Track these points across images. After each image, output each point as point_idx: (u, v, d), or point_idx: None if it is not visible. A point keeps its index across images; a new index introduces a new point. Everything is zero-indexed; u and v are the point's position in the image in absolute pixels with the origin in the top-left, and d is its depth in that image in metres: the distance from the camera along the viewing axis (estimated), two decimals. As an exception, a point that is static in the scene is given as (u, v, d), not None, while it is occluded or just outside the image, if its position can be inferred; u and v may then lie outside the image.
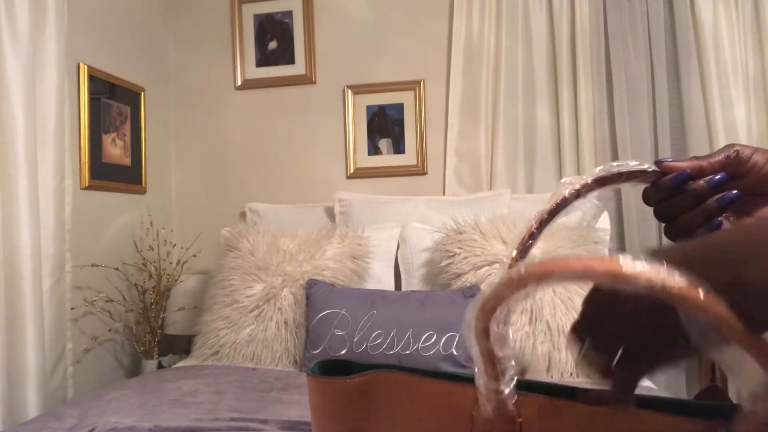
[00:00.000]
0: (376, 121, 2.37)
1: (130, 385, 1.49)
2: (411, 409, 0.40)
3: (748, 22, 2.09)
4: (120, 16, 2.23)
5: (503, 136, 2.22)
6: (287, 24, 2.43)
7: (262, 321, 1.76)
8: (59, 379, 1.76)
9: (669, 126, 2.14)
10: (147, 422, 1.16)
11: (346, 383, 0.43)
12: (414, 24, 2.34)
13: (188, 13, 2.55)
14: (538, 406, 0.36)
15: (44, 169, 1.70)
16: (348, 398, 0.43)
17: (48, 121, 1.72)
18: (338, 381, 0.43)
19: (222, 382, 1.49)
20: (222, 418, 1.19)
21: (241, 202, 2.39)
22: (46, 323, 1.67)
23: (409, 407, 0.40)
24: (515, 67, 2.23)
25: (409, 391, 0.41)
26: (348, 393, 0.43)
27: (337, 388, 0.43)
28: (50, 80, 1.73)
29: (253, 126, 2.48)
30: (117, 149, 2.17)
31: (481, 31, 2.24)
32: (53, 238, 1.72)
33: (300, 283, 1.80)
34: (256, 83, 2.46)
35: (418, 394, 0.40)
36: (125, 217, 2.22)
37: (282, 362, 1.73)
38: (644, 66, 2.13)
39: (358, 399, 0.43)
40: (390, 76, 2.35)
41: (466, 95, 2.26)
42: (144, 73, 2.36)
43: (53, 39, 1.73)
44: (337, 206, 2.16)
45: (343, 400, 0.43)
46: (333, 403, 0.44)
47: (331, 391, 0.43)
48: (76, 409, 1.26)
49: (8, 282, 1.56)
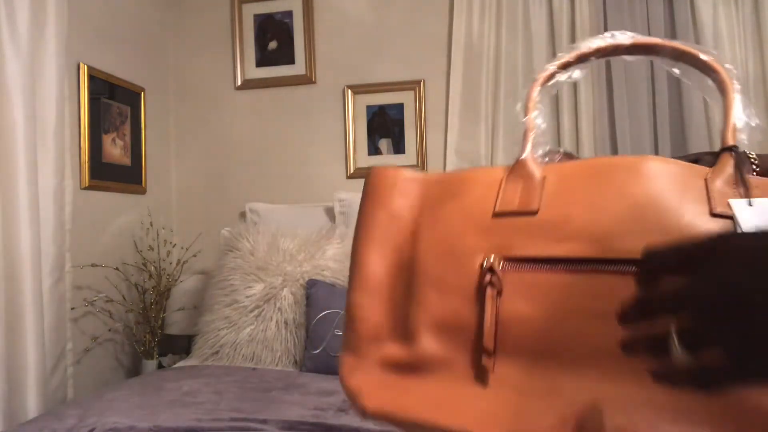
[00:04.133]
0: (376, 121, 2.37)
1: (130, 385, 1.49)
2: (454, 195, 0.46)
3: (748, 22, 2.09)
4: (120, 16, 2.23)
5: (503, 136, 2.22)
6: (287, 24, 2.43)
7: (262, 321, 1.76)
8: (59, 379, 1.76)
9: (669, 126, 2.13)
10: (147, 422, 1.16)
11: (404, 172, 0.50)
12: (414, 24, 2.34)
13: (188, 13, 2.54)
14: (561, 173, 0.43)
15: (44, 169, 1.70)
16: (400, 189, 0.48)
17: (48, 121, 1.72)
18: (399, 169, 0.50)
19: (222, 382, 1.49)
20: (222, 418, 1.19)
21: (241, 202, 2.39)
22: (46, 323, 1.67)
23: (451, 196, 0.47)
24: (515, 67, 2.23)
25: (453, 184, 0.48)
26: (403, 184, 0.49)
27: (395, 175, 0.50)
28: (50, 80, 1.73)
29: (253, 126, 2.48)
30: (117, 149, 2.17)
31: (481, 31, 2.24)
32: (53, 238, 1.72)
33: (300, 283, 1.80)
34: (256, 83, 2.46)
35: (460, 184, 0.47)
36: (125, 217, 2.22)
37: (282, 362, 1.73)
38: (644, 66, 2.13)
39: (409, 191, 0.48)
40: (390, 76, 2.35)
41: (466, 95, 2.26)
42: (144, 73, 2.36)
43: (53, 39, 1.73)
44: (337, 206, 2.16)
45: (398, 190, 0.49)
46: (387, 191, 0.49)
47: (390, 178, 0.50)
48: (76, 409, 1.27)
49: (8, 282, 1.56)
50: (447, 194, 0.47)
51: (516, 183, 0.44)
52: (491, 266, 0.39)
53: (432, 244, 0.44)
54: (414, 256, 0.45)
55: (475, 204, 0.44)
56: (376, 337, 0.45)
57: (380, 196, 0.49)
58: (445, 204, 0.46)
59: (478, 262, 0.41)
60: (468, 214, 0.44)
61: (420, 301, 0.43)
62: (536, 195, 0.42)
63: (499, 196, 0.44)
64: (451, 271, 0.42)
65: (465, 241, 0.42)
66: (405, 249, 0.46)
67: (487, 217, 0.43)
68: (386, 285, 0.46)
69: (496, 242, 0.41)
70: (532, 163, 0.45)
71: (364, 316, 0.46)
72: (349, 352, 0.46)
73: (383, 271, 0.46)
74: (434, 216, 0.46)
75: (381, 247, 0.47)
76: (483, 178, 0.46)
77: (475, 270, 0.41)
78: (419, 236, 0.46)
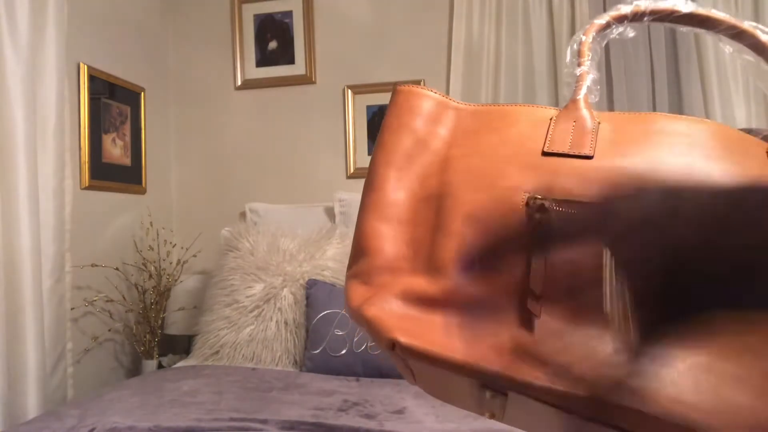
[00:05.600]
0: (377, 121, 2.37)
1: (130, 385, 1.49)
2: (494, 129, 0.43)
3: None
4: (120, 16, 2.23)
5: (503, 136, 2.22)
6: (287, 24, 2.43)
7: (262, 321, 1.76)
8: (59, 379, 1.76)
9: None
10: (147, 422, 1.16)
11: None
12: (414, 24, 2.34)
13: (188, 13, 2.55)
14: (617, 121, 0.40)
15: (44, 169, 1.70)
16: (431, 114, 0.44)
17: (48, 121, 1.72)
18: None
19: (222, 382, 1.49)
20: (222, 418, 1.19)
21: (241, 202, 2.39)
22: (46, 323, 1.67)
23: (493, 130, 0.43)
24: (515, 67, 2.23)
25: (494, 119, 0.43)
26: (435, 108, 0.44)
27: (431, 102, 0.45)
28: (50, 80, 1.73)
29: (253, 126, 2.48)
30: (117, 149, 2.17)
31: (481, 31, 2.24)
32: (53, 238, 1.72)
33: (300, 283, 1.80)
34: (256, 83, 2.46)
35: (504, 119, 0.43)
36: (125, 217, 2.22)
37: (282, 362, 1.73)
38: (644, 66, 2.13)
39: (440, 118, 0.44)
40: (390, 76, 2.35)
41: (466, 95, 2.26)
42: (144, 73, 2.36)
43: (53, 39, 1.73)
44: (337, 206, 2.16)
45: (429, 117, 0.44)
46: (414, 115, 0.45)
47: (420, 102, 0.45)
48: (76, 409, 1.26)
49: (8, 282, 1.56)
50: (485, 127, 0.42)
51: (568, 123, 0.40)
52: (542, 204, 0.36)
53: (468, 175, 0.40)
54: (444, 186, 0.40)
55: (519, 139, 0.40)
56: (393, 269, 0.40)
57: (406, 118, 0.44)
58: (483, 136, 0.41)
59: (523, 200, 0.37)
60: (511, 148, 0.40)
61: (451, 233, 0.38)
62: (590, 139, 0.39)
63: (548, 134, 0.40)
64: (491, 204, 0.38)
65: (508, 175, 0.38)
66: (432, 178, 0.41)
67: (534, 154, 0.39)
68: (408, 214, 0.41)
69: (545, 181, 0.37)
70: (586, 105, 0.41)
71: (380, 245, 0.40)
72: (357, 281, 0.40)
73: (405, 199, 0.41)
74: (470, 146, 0.41)
75: (404, 172, 0.42)
76: (529, 113, 0.42)
77: (520, 207, 0.37)
78: (451, 165, 0.41)
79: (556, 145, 0.39)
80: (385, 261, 0.40)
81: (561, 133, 0.39)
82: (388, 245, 0.40)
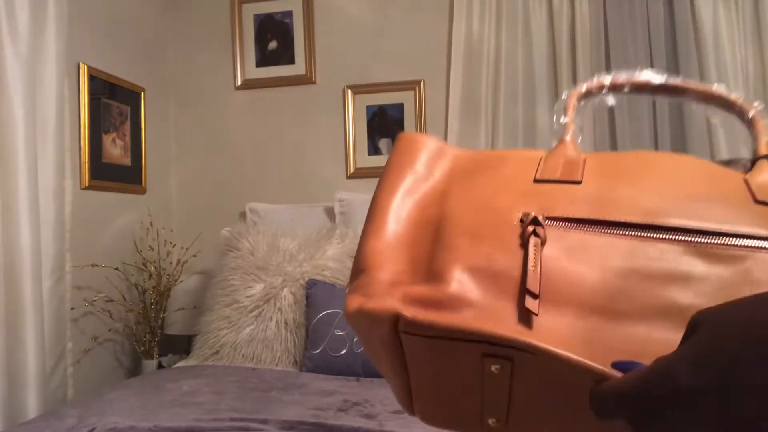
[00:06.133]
0: (376, 121, 2.37)
1: (130, 385, 1.49)
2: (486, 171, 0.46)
3: (748, 22, 2.09)
4: (120, 16, 2.23)
5: (503, 136, 2.22)
6: (287, 24, 2.43)
7: (262, 321, 1.76)
8: (59, 379, 1.76)
9: (669, 126, 2.13)
10: (147, 422, 1.16)
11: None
12: (414, 24, 2.34)
13: (188, 13, 2.55)
14: (601, 158, 0.44)
15: (44, 169, 1.70)
16: (430, 155, 0.48)
17: (48, 121, 1.72)
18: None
19: (222, 382, 1.49)
20: (222, 418, 1.19)
21: (241, 202, 2.39)
22: (46, 323, 1.67)
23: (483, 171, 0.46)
24: (515, 67, 2.23)
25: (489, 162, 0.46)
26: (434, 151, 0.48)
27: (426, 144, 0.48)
28: (50, 80, 1.73)
29: (253, 126, 2.48)
30: (117, 149, 2.17)
31: (481, 31, 2.24)
32: (53, 238, 1.72)
33: (300, 283, 1.80)
34: (256, 83, 2.46)
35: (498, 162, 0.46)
36: (125, 217, 2.22)
37: (282, 362, 1.74)
38: (644, 66, 2.13)
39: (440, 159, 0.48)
40: (390, 76, 2.35)
41: (466, 95, 2.26)
42: (144, 73, 2.36)
43: (53, 39, 1.73)
44: (337, 206, 2.16)
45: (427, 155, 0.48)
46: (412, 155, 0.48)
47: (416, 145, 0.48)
48: (76, 409, 1.27)
49: (8, 282, 1.56)
50: (481, 166, 0.45)
51: (557, 158, 0.44)
52: (535, 218, 0.39)
53: (465, 202, 0.43)
54: (443, 212, 0.43)
55: (513, 173, 0.44)
56: (393, 282, 0.41)
57: (408, 159, 0.47)
58: (479, 174, 0.45)
59: (518, 217, 0.40)
60: (506, 180, 0.43)
61: (450, 246, 0.40)
62: (579, 168, 0.42)
63: (540, 166, 0.44)
64: (487, 222, 0.40)
65: (504, 199, 0.41)
66: (431, 208, 0.44)
67: (527, 182, 0.42)
68: (407, 237, 0.43)
69: (538, 203, 0.40)
70: (572, 145, 0.45)
71: (379, 262, 0.42)
72: (357, 293, 0.41)
73: (405, 224, 0.44)
74: (467, 182, 0.45)
75: (405, 199, 0.45)
76: (521, 155, 0.46)
77: (514, 224, 0.39)
78: (449, 196, 0.44)
79: (548, 173, 0.43)
80: (384, 275, 0.41)
81: (551, 165, 0.43)
82: (388, 262, 0.42)
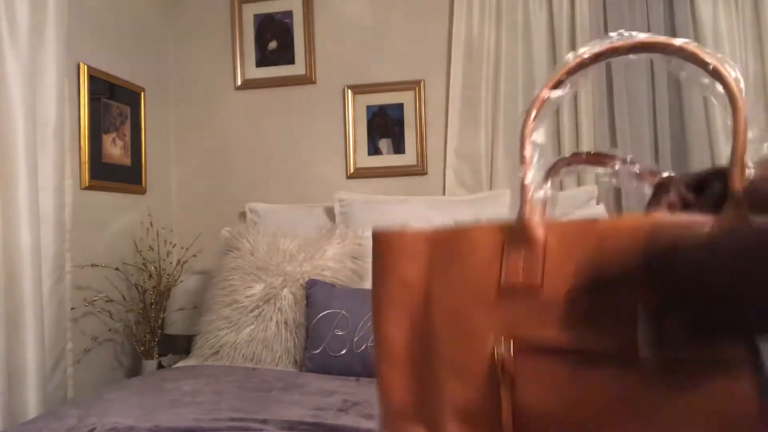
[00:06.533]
0: (376, 121, 2.37)
1: (130, 385, 1.49)
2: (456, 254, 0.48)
3: (748, 22, 2.09)
4: (120, 16, 2.23)
5: (503, 136, 2.22)
6: (287, 24, 2.43)
7: (262, 321, 1.76)
8: (59, 379, 1.76)
9: (669, 126, 2.13)
10: (147, 422, 1.16)
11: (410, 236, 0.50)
12: (414, 24, 2.34)
13: (188, 13, 2.54)
14: (563, 236, 0.43)
15: (44, 169, 1.70)
16: (408, 253, 0.50)
17: (48, 121, 1.72)
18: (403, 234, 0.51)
19: (222, 382, 1.49)
20: (222, 418, 1.19)
21: (241, 202, 2.38)
22: (46, 323, 1.67)
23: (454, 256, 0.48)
24: (515, 67, 2.23)
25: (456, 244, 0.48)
26: (409, 247, 0.50)
27: (401, 242, 0.50)
28: (50, 80, 1.73)
29: (253, 126, 2.48)
30: (117, 149, 2.17)
31: (481, 31, 2.24)
32: (53, 238, 1.72)
33: (300, 283, 1.80)
34: (256, 83, 2.46)
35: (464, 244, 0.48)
36: (125, 217, 2.22)
37: (282, 362, 1.73)
38: (644, 66, 2.13)
39: (416, 255, 0.49)
40: (390, 76, 2.35)
41: (466, 95, 2.26)
42: (144, 73, 2.36)
43: (53, 39, 1.73)
44: (337, 206, 2.16)
45: (405, 254, 0.50)
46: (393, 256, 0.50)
47: (396, 245, 0.50)
48: (76, 409, 1.26)
49: (8, 282, 1.56)
50: (453, 255, 0.47)
51: (518, 250, 0.44)
52: (502, 356, 0.41)
53: (443, 318, 0.46)
54: (428, 328, 0.47)
55: (479, 271, 0.45)
56: (403, 413, 0.48)
57: (389, 262, 0.50)
58: (451, 268, 0.47)
59: (490, 344, 0.43)
60: (474, 284, 0.45)
61: (440, 390, 0.45)
62: (539, 265, 0.42)
63: (503, 264, 0.44)
64: (464, 354, 0.44)
65: (475, 319, 0.44)
66: (419, 316, 0.48)
67: (493, 290, 0.44)
68: (406, 355, 0.48)
69: (506, 320, 0.43)
70: (533, 224, 0.44)
71: (391, 387, 0.49)
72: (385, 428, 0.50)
73: (402, 341, 0.49)
74: (443, 283, 0.47)
75: (396, 315, 0.49)
76: (484, 240, 0.46)
77: (487, 354, 0.43)
78: (431, 304, 0.47)
79: (510, 276, 0.44)
80: (396, 405, 0.49)
81: (513, 261, 0.44)
82: (397, 389, 0.49)
